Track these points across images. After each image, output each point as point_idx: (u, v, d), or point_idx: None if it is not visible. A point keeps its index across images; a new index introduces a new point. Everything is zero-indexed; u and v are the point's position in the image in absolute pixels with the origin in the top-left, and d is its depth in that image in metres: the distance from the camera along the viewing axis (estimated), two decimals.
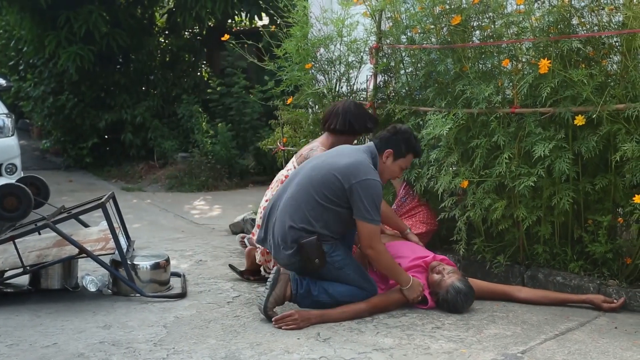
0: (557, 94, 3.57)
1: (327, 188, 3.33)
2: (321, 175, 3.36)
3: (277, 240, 3.39)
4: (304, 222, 3.33)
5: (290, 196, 3.41)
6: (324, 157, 3.52)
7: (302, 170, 3.52)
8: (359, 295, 3.42)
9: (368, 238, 3.33)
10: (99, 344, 2.99)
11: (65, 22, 8.87)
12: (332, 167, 3.36)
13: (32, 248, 3.85)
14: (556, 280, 3.73)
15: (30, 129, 13.46)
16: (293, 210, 3.36)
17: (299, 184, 3.43)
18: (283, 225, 3.37)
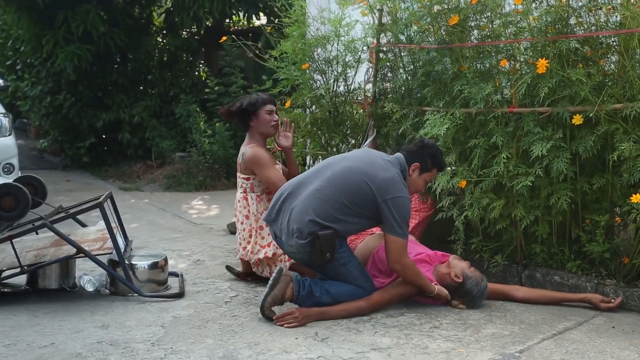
0: (555, 94, 3.58)
1: (358, 196, 3.34)
2: (356, 182, 3.35)
3: (292, 227, 3.35)
4: (327, 219, 3.32)
5: (318, 189, 3.38)
6: (359, 162, 3.45)
7: (334, 166, 3.47)
8: (359, 294, 3.43)
9: (398, 253, 3.34)
10: (97, 344, 2.99)
11: (62, 21, 8.85)
12: (368, 177, 3.35)
13: (29, 248, 3.85)
14: (554, 279, 3.73)
15: (28, 129, 13.43)
16: (318, 204, 3.33)
17: (330, 180, 3.39)
18: (304, 215, 3.33)
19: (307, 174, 3.57)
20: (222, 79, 9.32)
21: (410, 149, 3.59)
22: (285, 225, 3.39)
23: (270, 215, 3.52)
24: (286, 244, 3.41)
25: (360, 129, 4.90)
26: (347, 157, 3.60)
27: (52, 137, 10.23)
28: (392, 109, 4.33)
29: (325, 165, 3.56)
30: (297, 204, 3.39)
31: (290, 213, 3.39)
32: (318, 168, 3.57)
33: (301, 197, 3.40)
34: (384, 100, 4.61)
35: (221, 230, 5.69)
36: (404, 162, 3.51)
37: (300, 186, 3.47)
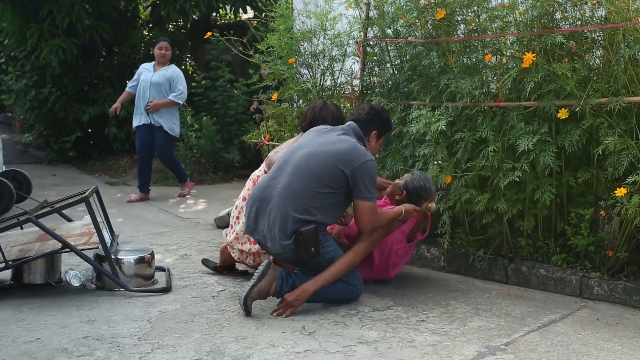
0: (541, 88, 3.60)
1: (327, 177, 3.33)
2: (320, 165, 3.34)
3: (274, 231, 3.33)
4: (305, 212, 3.30)
5: (286, 186, 3.35)
6: (316, 145, 3.43)
7: (292, 159, 3.43)
8: (345, 290, 3.44)
9: (370, 216, 3.38)
10: (83, 339, 2.97)
11: (47, 14, 8.77)
12: (330, 155, 3.35)
13: (14, 242, 3.82)
14: (539, 272, 3.76)
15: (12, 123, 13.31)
16: (292, 201, 3.30)
17: (294, 173, 3.36)
18: (283, 215, 3.30)
19: (269, 176, 3.49)
20: (209, 73, 9.28)
21: (364, 117, 3.59)
22: (267, 231, 3.35)
23: (249, 225, 3.47)
24: (272, 248, 3.39)
25: None
26: (301, 145, 3.51)
27: (37, 131, 10.14)
28: (379, 103, 4.33)
29: (283, 161, 3.48)
30: (272, 207, 3.35)
31: (268, 218, 3.36)
32: (278, 167, 3.48)
33: (274, 199, 3.36)
34: (370, 94, 4.61)
35: (208, 225, 5.68)
36: (358, 130, 3.54)
37: (268, 189, 3.41)
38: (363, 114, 3.61)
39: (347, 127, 3.56)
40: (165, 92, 6.76)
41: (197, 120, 8.83)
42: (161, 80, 6.77)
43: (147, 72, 6.83)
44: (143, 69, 6.93)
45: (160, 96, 6.74)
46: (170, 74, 6.84)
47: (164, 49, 6.89)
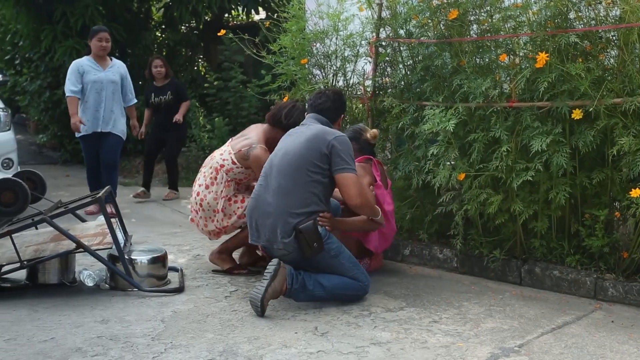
0: (555, 88, 3.57)
1: (310, 162, 3.41)
2: (298, 155, 3.43)
3: (276, 232, 3.37)
4: (302, 206, 3.37)
5: (277, 186, 3.43)
6: (290, 143, 3.53)
7: (274, 162, 3.53)
8: (352, 286, 3.47)
9: (356, 187, 3.45)
10: (97, 339, 2.99)
11: (61, 16, 8.83)
12: (304, 142, 3.46)
13: (29, 243, 3.85)
14: (553, 274, 3.74)
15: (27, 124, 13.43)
16: (287, 197, 3.38)
17: (280, 174, 3.45)
18: (282, 214, 3.36)
19: (259, 185, 3.56)
20: (222, 74, 9.31)
21: (327, 106, 3.66)
22: (270, 234, 3.41)
23: (253, 235, 3.54)
24: (276, 250, 3.43)
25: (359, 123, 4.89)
26: (278, 150, 3.59)
27: (51, 132, 10.22)
28: (391, 103, 4.33)
29: (268, 167, 3.56)
30: (270, 210, 3.42)
31: (267, 222, 3.42)
32: (265, 175, 3.56)
33: (269, 202, 3.43)
34: (383, 95, 4.60)
35: None
36: (322, 118, 3.63)
37: (262, 197, 3.49)
38: (322, 103, 3.67)
39: (310, 119, 3.66)
40: (119, 92, 6.00)
41: (210, 121, 8.86)
42: (117, 79, 5.96)
43: (94, 71, 5.83)
44: (85, 67, 5.81)
45: (116, 97, 5.95)
46: (123, 70, 6.07)
47: (104, 40, 5.87)
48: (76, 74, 5.76)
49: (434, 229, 4.29)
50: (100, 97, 5.81)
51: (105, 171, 5.97)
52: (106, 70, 5.89)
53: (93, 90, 5.80)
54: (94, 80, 5.79)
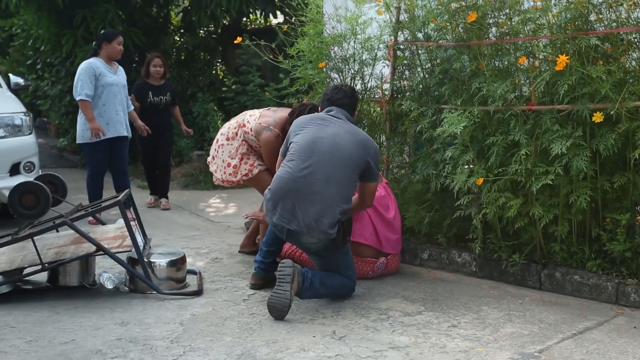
0: (575, 91, 3.54)
1: (357, 165, 3.54)
2: (350, 154, 3.51)
3: (320, 221, 3.39)
4: (346, 201, 3.53)
5: (328, 177, 3.44)
6: (333, 134, 3.54)
7: (321, 148, 3.49)
8: (348, 285, 3.64)
9: (375, 193, 3.73)
10: (117, 341, 3.02)
11: (82, 21, 8.93)
12: (355, 144, 3.54)
13: (50, 245, 3.89)
14: (574, 279, 3.70)
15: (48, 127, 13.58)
16: (337, 190, 3.46)
17: (331, 164, 3.46)
18: (331, 205, 3.42)
19: (295, 166, 3.48)
20: (239, 78, 9.35)
21: (346, 102, 3.75)
22: (311, 222, 3.39)
23: (285, 217, 3.44)
24: (308, 239, 3.45)
25: (378, 127, 4.89)
26: (321, 136, 3.54)
27: (72, 135, 10.29)
28: (409, 107, 4.31)
29: (309, 152, 3.50)
30: (318, 198, 3.41)
31: (311, 208, 3.40)
32: (305, 158, 3.49)
33: (317, 191, 3.42)
34: (401, 98, 4.59)
35: (239, 228, 5.71)
36: (349, 115, 3.73)
37: (302, 181, 3.44)
38: (341, 98, 3.75)
39: (339, 113, 3.70)
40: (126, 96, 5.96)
41: None
42: (126, 83, 5.92)
43: (110, 74, 5.71)
44: (101, 69, 5.65)
45: (124, 101, 5.88)
46: (124, 74, 5.99)
47: (121, 44, 5.83)
48: (91, 76, 5.57)
49: (453, 232, 4.26)
50: (117, 100, 5.74)
51: (121, 176, 5.96)
52: (117, 73, 5.83)
53: (110, 93, 5.69)
54: (111, 83, 5.68)
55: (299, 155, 3.51)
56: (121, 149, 5.89)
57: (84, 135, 5.71)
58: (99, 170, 5.84)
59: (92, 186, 5.82)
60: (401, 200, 4.60)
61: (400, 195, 4.62)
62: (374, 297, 3.69)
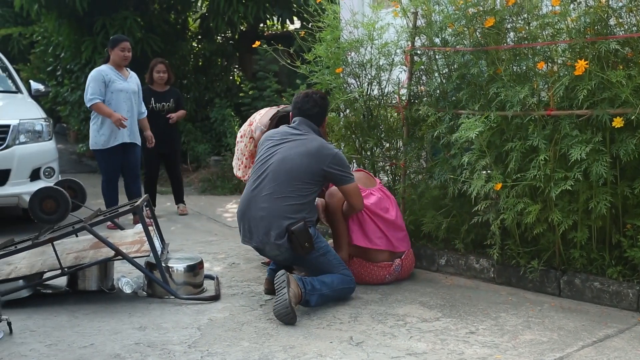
0: (594, 96, 3.51)
1: (307, 175, 3.61)
2: (297, 165, 3.61)
3: (270, 234, 3.55)
4: (294, 212, 3.57)
5: (271, 193, 3.58)
6: (287, 149, 3.68)
7: (269, 166, 3.66)
8: (347, 280, 3.69)
9: (358, 194, 3.82)
10: (135, 345, 3.03)
11: (101, 28, 9.04)
12: (304, 155, 3.63)
13: (69, 250, 3.93)
14: (594, 285, 3.66)
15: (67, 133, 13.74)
16: (280, 203, 3.56)
17: (274, 179, 3.60)
18: (275, 218, 3.54)
19: (249, 189, 3.70)
20: (257, 83, 9.39)
21: (315, 111, 3.83)
22: (263, 237, 3.57)
23: (246, 236, 3.70)
24: (269, 252, 3.64)
25: (394, 132, 4.88)
26: (273, 153, 3.71)
27: None
28: (426, 112, 4.30)
29: (260, 171, 3.69)
30: (263, 214, 3.56)
31: (260, 224, 3.57)
32: (256, 176, 3.70)
33: (262, 207, 3.58)
34: (418, 103, 4.58)
35: None
36: (313, 125, 3.82)
37: (253, 200, 3.64)
38: (310, 108, 3.84)
39: (302, 125, 3.81)
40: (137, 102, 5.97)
41: None
42: (137, 89, 5.96)
43: (119, 80, 5.78)
44: (110, 75, 5.73)
45: (135, 107, 5.92)
46: (138, 82, 6.05)
47: (126, 50, 5.84)
48: (100, 83, 5.66)
49: (470, 238, 4.24)
50: (127, 106, 5.79)
51: (133, 182, 6.02)
52: (127, 80, 5.87)
53: (120, 99, 5.74)
54: (120, 89, 5.74)
55: (252, 175, 3.75)
56: (133, 154, 5.95)
57: (96, 141, 5.80)
58: (113, 176, 5.91)
59: (107, 191, 5.90)
60: (418, 206, 4.59)
61: (417, 200, 4.61)
62: (391, 303, 3.68)
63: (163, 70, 6.52)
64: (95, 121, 5.80)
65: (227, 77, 10.54)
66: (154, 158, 6.50)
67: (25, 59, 13.48)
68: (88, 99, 5.70)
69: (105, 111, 5.67)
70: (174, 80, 6.83)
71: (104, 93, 5.69)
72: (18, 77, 7.01)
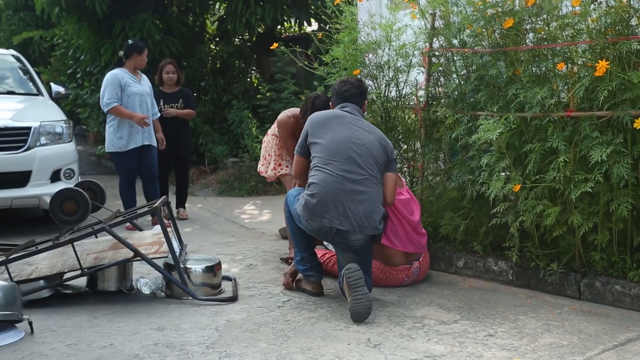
0: (615, 97, 3.47)
1: (383, 162, 3.68)
2: (377, 152, 3.65)
3: (371, 217, 3.53)
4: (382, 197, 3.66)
5: (367, 176, 3.57)
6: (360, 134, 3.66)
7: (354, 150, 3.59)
8: (369, 283, 3.70)
9: (395, 187, 3.79)
10: (153, 346, 3.05)
11: (120, 30, 9.12)
12: (378, 142, 3.67)
13: (89, 251, 3.97)
14: (614, 289, 3.61)
15: (87, 135, 13.86)
16: (377, 188, 3.61)
17: (366, 163, 3.59)
18: (377, 202, 3.59)
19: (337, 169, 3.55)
20: (274, 85, 9.41)
21: (354, 93, 3.83)
22: (364, 219, 3.52)
23: (335, 219, 3.50)
24: (356, 236, 3.56)
25: (412, 134, 4.86)
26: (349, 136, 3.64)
27: None
28: (444, 113, 4.28)
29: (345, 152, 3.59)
30: (365, 197, 3.54)
31: (361, 207, 3.52)
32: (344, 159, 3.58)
33: (362, 190, 3.54)
34: (436, 105, 4.56)
35: (273, 235, 5.74)
36: (361, 111, 3.86)
37: (343, 183, 3.53)
38: (355, 91, 3.84)
39: (354, 110, 3.81)
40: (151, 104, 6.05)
41: (262, 132, 8.95)
42: (151, 92, 6.05)
43: (134, 83, 5.86)
44: (126, 79, 5.81)
45: (150, 109, 5.99)
46: (149, 82, 6.11)
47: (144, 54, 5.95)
48: (116, 86, 5.74)
49: (489, 240, 4.21)
50: (142, 109, 5.84)
51: (151, 183, 6.03)
52: (141, 82, 5.94)
53: (136, 102, 5.81)
54: (136, 92, 5.81)
55: (335, 158, 3.59)
56: (150, 156, 5.99)
57: (114, 144, 5.88)
58: (130, 178, 5.96)
59: (124, 193, 5.96)
60: (436, 208, 4.56)
61: (435, 202, 4.59)
62: (408, 305, 3.67)
63: (172, 71, 6.49)
64: (112, 124, 5.87)
65: (244, 79, 10.57)
66: (165, 160, 6.43)
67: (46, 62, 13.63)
68: (105, 103, 5.78)
69: (125, 113, 5.75)
70: (183, 80, 6.81)
71: (120, 97, 5.77)
72: (39, 80, 7.10)
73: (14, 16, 14.08)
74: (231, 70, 10.45)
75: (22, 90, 6.77)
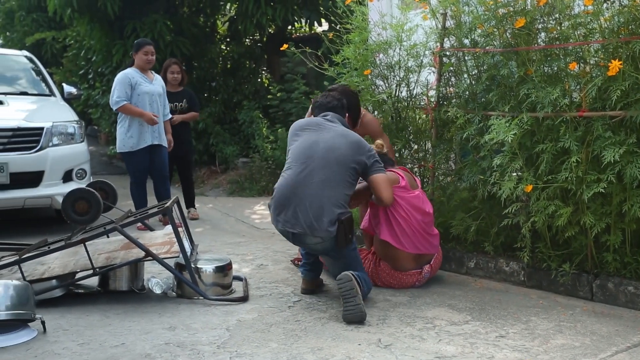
0: (628, 97, 3.44)
1: (353, 166, 3.63)
2: (344, 156, 3.62)
3: (320, 219, 3.51)
4: (342, 201, 3.60)
5: (323, 179, 3.56)
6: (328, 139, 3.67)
7: (317, 153, 3.63)
8: (367, 278, 3.72)
9: (389, 186, 3.77)
10: (165, 345, 3.07)
11: (131, 31, 9.17)
12: (349, 146, 3.65)
13: (101, 250, 3.99)
14: (627, 290, 3.59)
15: (98, 135, 13.95)
16: (332, 191, 3.56)
17: (326, 167, 3.59)
18: (327, 205, 3.53)
19: (295, 172, 3.62)
20: (284, 85, 9.42)
21: (335, 104, 3.89)
22: (313, 223, 3.52)
23: (289, 221, 3.58)
24: (311, 240, 3.57)
25: (423, 134, 4.85)
26: (316, 140, 3.68)
27: None
28: (455, 114, 4.27)
29: (306, 158, 3.64)
30: (315, 200, 3.54)
31: (310, 211, 3.52)
32: (301, 164, 3.63)
33: (313, 194, 3.54)
34: (447, 105, 4.55)
35: None
36: (342, 119, 3.88)
37: (301, 186, 3.58)
38: (335, 102, 3.90)
39: (336, 119, 3.84)
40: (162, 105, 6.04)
41: (273, 132, 8.98)
42: (162, 92, 6.03)
43: (145, 82, 5.85)
44: (136, 78, 5.81)
45: (161, 109, 5.99)
46: (163, 84, 6.12)
47: (150, 53, 5.90)
48: (127, 85, 5.74)
49: (500, 241, 4.19)
50: (153, 109, 5.85)
51: (162, 183, 6.06)
52: (153, 82, 5.93)
53: (146, 102, 5.81)
54: (146, 91, 5.81)
55: (295, 162, 3.68)
56: (160, 156, 6.00)
57: (124, 144, 5.89)
58: (140, 178, 5.98)
59: (135, 193, 5.98)
60: (447, 208, 4.55)
61: (446, 203, 4.57)
62: (419, 306, 3.66)
63: (177, 71, 6.50)
64: (123, 124, 5.89)
65: (255, 79, 10.60)
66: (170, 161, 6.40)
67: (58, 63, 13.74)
68: (114, 101, 5.80)
69: (135, 111, 5.77)
70: (187, 81, 6.80)
71: (130, 96, 5.77)
72: (51, 80, 7.14)
73: (27, 17, 14.21)
74: (242, 71, 10.47)
75: (35, 91, 6.82)
